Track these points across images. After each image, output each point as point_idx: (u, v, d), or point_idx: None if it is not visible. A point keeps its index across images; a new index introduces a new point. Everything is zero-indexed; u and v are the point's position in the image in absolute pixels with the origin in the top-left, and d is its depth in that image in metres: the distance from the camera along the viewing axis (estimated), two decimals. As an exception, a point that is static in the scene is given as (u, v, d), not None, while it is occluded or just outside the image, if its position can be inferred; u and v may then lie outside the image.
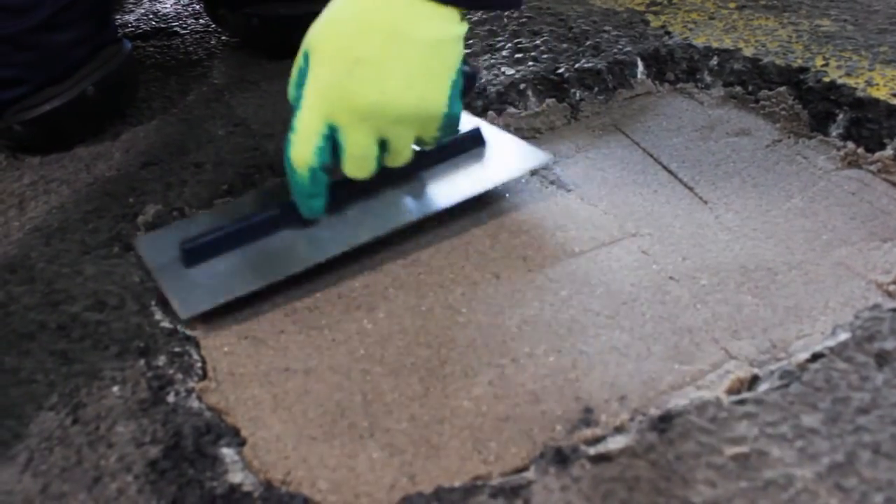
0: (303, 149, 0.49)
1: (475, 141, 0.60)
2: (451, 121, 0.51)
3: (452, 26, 0.49)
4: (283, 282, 0.51)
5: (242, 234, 0.53)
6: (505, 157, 0.59)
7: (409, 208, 0.55)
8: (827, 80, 0.64)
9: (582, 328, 0.47)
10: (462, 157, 0.59)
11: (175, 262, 0.52)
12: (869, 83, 0.63)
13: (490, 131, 0.62)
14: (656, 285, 0.50)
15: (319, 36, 0.48)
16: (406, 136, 0.50)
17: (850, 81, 0.64)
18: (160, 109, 0.75)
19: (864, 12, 0.78)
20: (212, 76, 0.82)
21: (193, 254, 0.51)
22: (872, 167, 0.58)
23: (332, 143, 0.49)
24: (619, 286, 0.50)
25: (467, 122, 0.60)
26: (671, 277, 0.50)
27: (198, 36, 0.93)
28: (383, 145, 0.50)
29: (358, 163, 0.50)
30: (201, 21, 0.98)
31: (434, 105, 0.49)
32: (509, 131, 0.63)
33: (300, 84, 0.50)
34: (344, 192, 0.54)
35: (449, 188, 0.56)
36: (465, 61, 0.51)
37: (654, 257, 0.52)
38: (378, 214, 0.54)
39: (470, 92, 0.54)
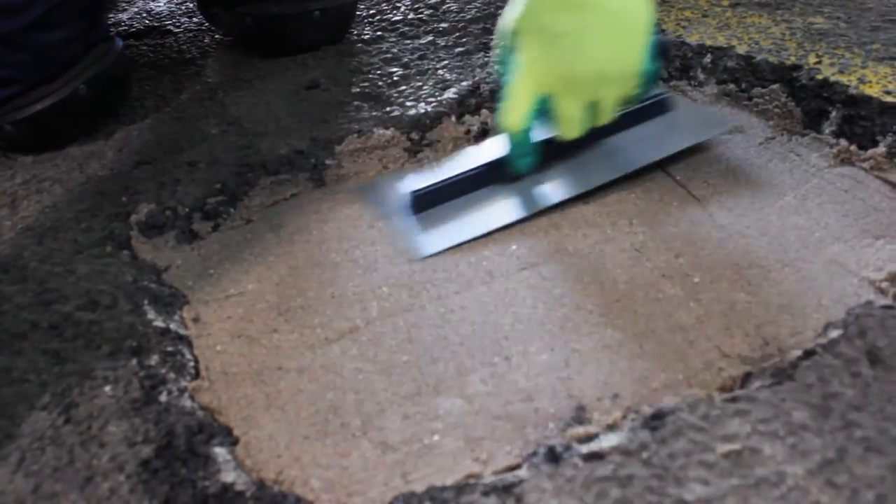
0: (515, 115, 0.56)
1: (661, 107, 0.64)
2: (649, 77, 0.56)
3: None
4: (277, 280, 0.51)
5: (460, 186, 0.59)
6: (689, 122, 0.64)
7: (606, 167, 0.60)
8: (820, 77, 0.64)
9: (575, 326, 0.47)
10: (651, 122, 0.64)
11: (398, 210, 0.59)
12: (861, 80, 0.63)
13: (676, 99, 0.66)
14: (649, 283, 0.50)
15: (521, 18, 0.55)
16: (610, 95, 0.55)
17: (843, 79, 0.64)
18: (153, 108, 0.75)
19: (856, 10, 0.78)
20: (205, 75, 0.82)
21: (421, 200, 0.58)
22: (865, 164, 0.58)
23: (545, 110, 0.56)
24: (612, 284, 0.50)
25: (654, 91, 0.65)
26: (664, 275, 0.50)
27: (191, 34, 0.93)
28: (590, 107, 0.56)
29: (569, 125, 0.57)
30: (195, 20, 0.98)
31: (631, 64, 0.54)
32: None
33: (504, 61, 0.57)
34: (549, 151, 0.60)
35: (639, 150, 0.61)
36: (658, 31, 0.55)
37: (647, 255, 0.52)
38: (580, 172, 0.60)
39: (668, 59, 0.58)
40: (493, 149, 0.60)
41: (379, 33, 0.88)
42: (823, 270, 0.49)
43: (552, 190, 0.58)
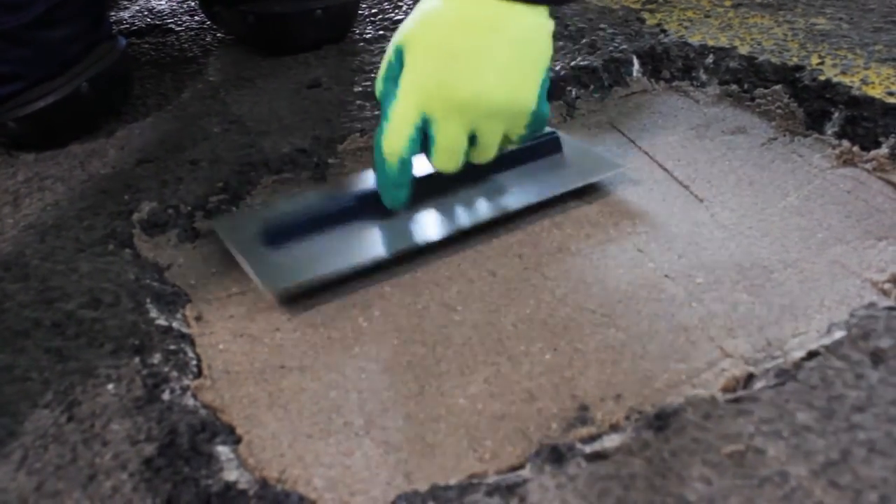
0: (396, 138, 0.50)
1: (550, 147, 0.61)
2: (539, 118, 0.52)
3: (543, 23, 0.50)
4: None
5: (323, 220, 0.54)
6: (578, 163, 0.60)
7: (484, 208, 0.56)
8: (822, 78, 0.64)
9: (578, 326, 0.47)
10: (537, 161, 0.60)
11: (255, 243, 0.53)
12: (864, 81, 0.63)
13: (564, 139, 0.62)
14: (652, 283, 0.50)
15: (415, 31, 0.49)
16: (495, 130, 0.51)
17: (846, 80, 0.64)
18: (155, 106, 0.75)
19: (859, 10, 0.78)
20: (207, 73, 0.82)
21: (275, 234, 0.52)
22: (867, 165, 0.58)
23: (423, 136, 0.51)
24: (614, 284, 0.50)
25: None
26: (667, 275, 0.50)
27: (193, 33, 0.93)
28: (472, 140, 0.52)
29: (447, 155, 0.51)
30: (196, 18, 0.98)
31: (525, 100, 0.50)
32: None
33: (388, 78, 0.51)
34: (424, 188, 0.55)
35: (522, 191, 0.57)
36: (551, 72, 0.52)
37: (649, 255, 0.52)
38: (455, 211, 0.56)
39: (549, 96, 0.55)
40: (368, 180, 0.56)
41: (381, 32, 0.88)
42: (826, 272, 0.49)
43: (422, 229, 0.54)
